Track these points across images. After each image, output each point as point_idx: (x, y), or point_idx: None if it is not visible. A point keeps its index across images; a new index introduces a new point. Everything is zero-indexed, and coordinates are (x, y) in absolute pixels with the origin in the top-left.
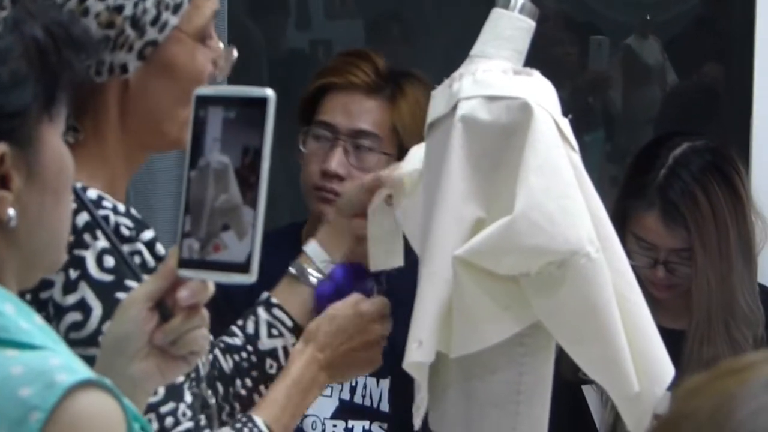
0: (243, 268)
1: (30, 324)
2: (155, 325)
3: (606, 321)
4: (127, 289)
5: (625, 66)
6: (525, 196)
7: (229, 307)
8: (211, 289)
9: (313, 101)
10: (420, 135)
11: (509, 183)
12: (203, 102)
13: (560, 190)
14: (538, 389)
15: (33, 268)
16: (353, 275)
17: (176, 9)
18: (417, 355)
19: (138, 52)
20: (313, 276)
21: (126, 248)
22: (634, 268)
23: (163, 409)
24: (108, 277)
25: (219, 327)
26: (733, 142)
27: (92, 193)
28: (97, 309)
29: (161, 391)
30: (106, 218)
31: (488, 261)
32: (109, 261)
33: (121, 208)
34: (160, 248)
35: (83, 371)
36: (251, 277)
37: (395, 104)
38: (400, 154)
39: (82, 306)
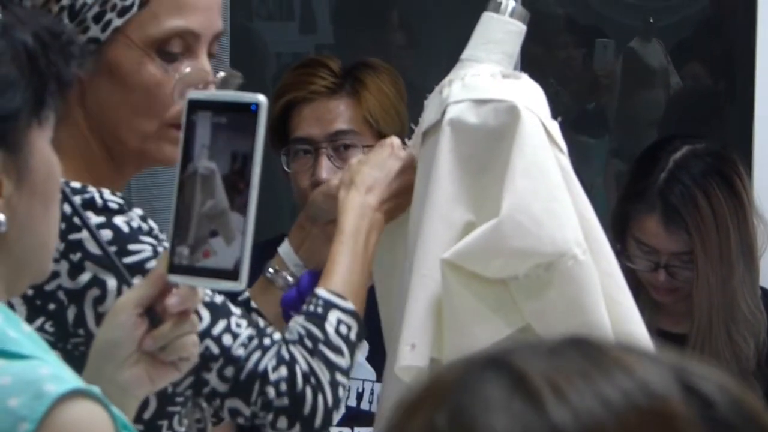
0: (232, 275)
1: (18, 333)
2: (145, 331)
3: (595, 323)
4: (130, 252)
5: (628, 69)
6: (511, 198)
7: None
8: (201, 295)
9: (281, 120)
10: (393, 118)
11: (497, 186)
12: (195, 106)
13: (547, 192)
14: None
15: (21, 276)
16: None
17: (123, 12)
18: (410, 359)
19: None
20: (283, 281)
21: (120, 218)
22: (635, 272)
23: (216, 331)
24: (110, 249)
25: None
26: (736, 144)
27: (76, 184)
28: (110, 281)
29: (206, 314)
30: (92, 199)
31: (476, 264)
32: (107, 234)
33: (107, 192)
34: (152, 224)
35: (72, 381)
36: (240, 285)
37: (360, 97)
38: None
39: (96, 282)
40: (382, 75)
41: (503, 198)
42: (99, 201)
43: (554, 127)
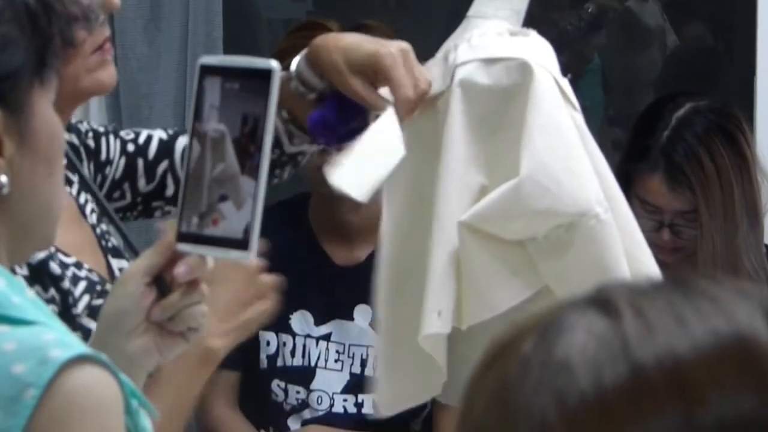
0: (241, 244)
1: (22, 298)
2: (153, 301)
3: None
4: None
5: (625, 29)
6: (530, 157)
7: None
8: (210, 264)
9: None
10: None
11: (510, 147)
12: (206, 71)
13: (565, 150)
14: None
15: (25, 241)
16: (341, 107)
17: None
18: (437, 326)
19: None
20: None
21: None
22: None
23: None
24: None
25: None
26: (737, 101)
27: None
28: None
29: None
30: None
31: (495, 226)
32: None
33: None
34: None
35: (78, 346)
36: (249, 255)
37: None
38: None
39: None
40: (380, 34)
41: (521, 157)
42: None
43: (566, 84)
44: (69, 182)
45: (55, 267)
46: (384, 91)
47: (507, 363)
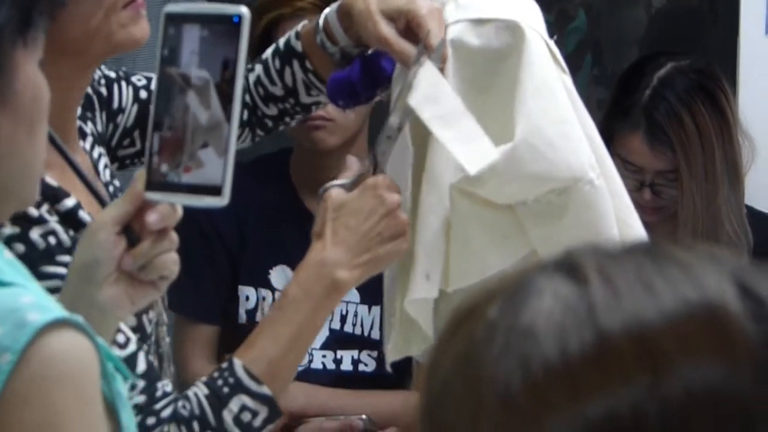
0: (215, 190)
1: None
2: (123, 250)
3: None
4: (40, 275)
5: None
6: (525, 122)
7: (220, 240)
8: (180, 212)
9: (265, 40)
10: None
11: (499, 108)
12: (173, 19)
13: (558, 114)
14: None
15: (5, 202)
16: (366, 73)
17: None
18: (425, 290)
19: None
20: (338, 55)
21: (36, 231)
22: None
23: None
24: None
25: (209, 260)
26: (720, 61)
27: None
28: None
29: None
30: None
31: (488, 190)
32: (19, 248)
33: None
34: (84, 216)
35: (55, 310)
36: (223, 200)
37: None
38: None
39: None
40: None
41: (515, 121)
42: None
43: (554, 46)
44: (83, 135)
45: (84, 215)
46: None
47: (473, 327)
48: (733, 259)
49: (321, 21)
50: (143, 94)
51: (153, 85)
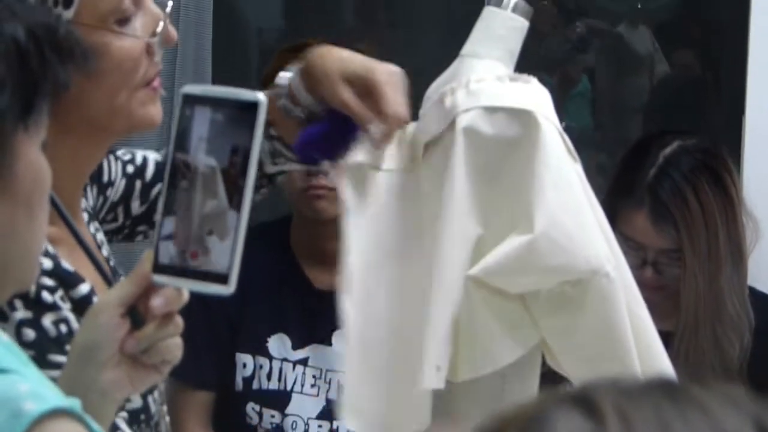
0: (221, 278)
1: None
2: (126, 333)
3: (622, 341)
4: (49, 364)
5: (614, 54)
6: (544, 214)
7: (219, 307)
8: (186, 297)
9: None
10: None
11: (506, 197)
12: (190, 100)
13: (575, 206)
14: None
15: (3, 283)
16: (334, 128)
17: (68, 2)
18: (435, 382)
19: None
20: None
21: (49, 318)
22: None
23: None
24: (28, 353)
25: (208, 326)
26: (724, 137)
27: None
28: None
29: None
30: None
31: (503, 281)
32: (29, 334)
33: (47, 264)
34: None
35: (52, 398)
36: (229, 289)
37: None
38: None
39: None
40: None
41: (534, 213)
42: (31, 288)
43: (565, 135)
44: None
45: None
46: None
47: None
48: (753, 402)
49: (284, 83)
50: (130, 168)
51: (166, 168)
